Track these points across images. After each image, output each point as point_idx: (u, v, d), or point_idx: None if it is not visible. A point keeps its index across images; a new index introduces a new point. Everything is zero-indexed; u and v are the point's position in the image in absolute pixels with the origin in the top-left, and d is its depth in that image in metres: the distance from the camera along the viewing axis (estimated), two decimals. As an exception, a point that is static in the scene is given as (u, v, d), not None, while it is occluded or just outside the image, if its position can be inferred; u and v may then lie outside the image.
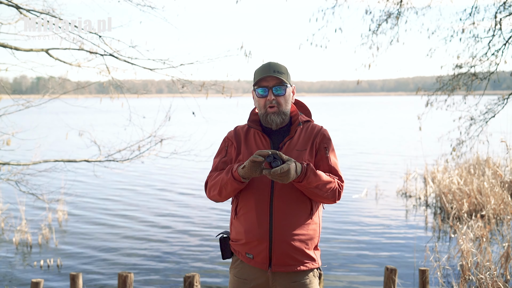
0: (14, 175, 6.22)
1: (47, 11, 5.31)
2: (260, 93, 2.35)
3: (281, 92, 2.34)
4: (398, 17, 7.68)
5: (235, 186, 2.24)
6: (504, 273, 5.42)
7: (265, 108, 2.35)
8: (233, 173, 2.22)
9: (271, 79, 2.33)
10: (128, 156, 6.32)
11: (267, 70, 2.33)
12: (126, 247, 7.32)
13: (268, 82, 2.33)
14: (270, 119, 2.34)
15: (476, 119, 7.43)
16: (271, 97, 2.32)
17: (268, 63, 2.37)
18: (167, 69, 5.72)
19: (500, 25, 7.00)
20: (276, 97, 2.33)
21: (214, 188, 2.34)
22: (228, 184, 2.25)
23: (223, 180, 2.26)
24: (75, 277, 4.52)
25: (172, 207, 9.91)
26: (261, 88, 2.34)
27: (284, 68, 2.38)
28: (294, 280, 2.31)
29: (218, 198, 2.36)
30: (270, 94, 2.33)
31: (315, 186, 2.20)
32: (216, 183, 2.31)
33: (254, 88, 2.38)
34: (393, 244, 7.36)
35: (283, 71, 2.36)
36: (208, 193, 2.41)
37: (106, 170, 7.37)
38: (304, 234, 2.30)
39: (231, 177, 2.22)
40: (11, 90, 6.29)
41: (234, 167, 2.24)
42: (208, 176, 2.42)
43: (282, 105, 2.35)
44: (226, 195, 2.32)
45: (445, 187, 9.36)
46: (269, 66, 2.35)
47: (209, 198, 2.43)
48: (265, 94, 2.34)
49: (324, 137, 2.39)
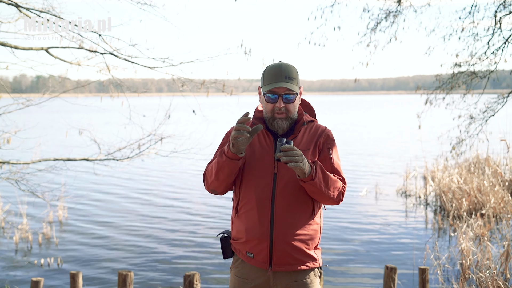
0: (14, 174, 6.22)
1: (47, 9, 5.30)
2: (270, 98, 2.29)
3: (291, 99, 2.28)
4: (396, 16, 7.67)
5: (232, 166, 2.20)
6: (504, 271, 5.42)
7: (272, 113, 2.30)
8: (227, 153, 2.19)
9: (282, 86, 2.27)
10: (128, 155, 6.32)
11: (278, 75, 2.26)
12: (126, 246, 7.32)
13: (279, 89, 2.27)
14: (277, 125, 2.30)
15: (476, 118, 7.43)
16: (281, 105, 2.27)
17: (280, 67, 2.28)
18: (167, 67, 5.71)
19: (500, 24, 7.00)
20: (285, 104, 2.28)
21: (210, 175, 2.31)
22: (225, 166, 2.21)
23: (219, 163, 2.22)
24: (75, 276, 4.52)
25: (172, 206, 9.91)
26: (271, 94, 2.28)
27: (295, 71, 2.32)
28: (295, 279, 2.31)
29: (216, 184, 2.30)
30: (280, 102, 2.27)
31: (323, 185, 2.18)
32: (212, 169, 2.28)
33: (263, 93, 2.31)
34: (393, 243, 7.36)
35: (294, 76, 2.29)
36: (206, 183, 2.38)
37: (106, 168, 7.37)
38: (305, 234, 2.29)
39: (227, 158, 2.19)
40: (11, 89, 6.28)
41: (225, 148, 2.21)
42: (206, 167, 2.39)
43: (291, 112, 2.30)
44: (224, 179, 2.26)
45: (445, 186, 9.36)
46: (280, 71, 2.26)
47: (207, 190, 2.39)
48: (274, 101, 2.28)
49: (328, 138, 2.37)
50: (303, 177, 2.14)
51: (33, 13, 5.31)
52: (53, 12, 5.31)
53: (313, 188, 2.18)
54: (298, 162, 2.06)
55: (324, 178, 2.19)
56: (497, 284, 4.29)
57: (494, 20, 7.04)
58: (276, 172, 2.28)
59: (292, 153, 2.06)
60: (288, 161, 2.06)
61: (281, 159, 2.06)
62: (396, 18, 7.67)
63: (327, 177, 2.20)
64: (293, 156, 2.06)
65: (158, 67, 5.72)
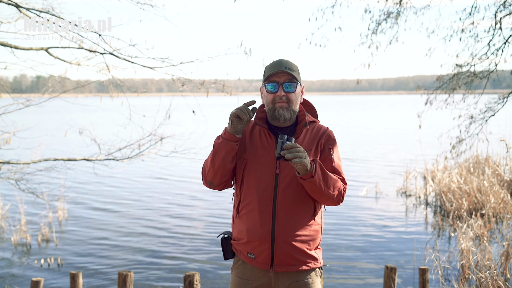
0: (14, 174, 6.22)
1: (47, 9, 5.29)
2: (269, 88, 2.30)
3: (292, 89, 2.29)
4: (397, 17, 7.67)
5: (228, 147, 2.21)
6: (504, 271, 5.42)
7: (273, 103, 2.30)
8: (224, 135, 2.20)
9: (282, 75, 2.28)
10: (128, 155, 6.32)
11: (278, 65, 2.29)
12: (126, 246, 7.32)
13: (279, 77, 2.28)
14: (278, 113, 2.29)
15: (476, 118, 7.43)
16: (281, 93, 2.27)
17: (280, 60, 2.32)
18: (167, 67, 5.71)
19: (500, 24, 7.00)
20: (286, 93, 2.28)
21: (207, 164, 2.30)
22: (222, 148, 2.21)
23: (215, 146, 2.23)
24: (75, 276, 4.52)
25: (172, 206, 9.91)
26: (271, 83, 2.29)
27: (296, 66, 2.34)
28: (296, 280, 2.31)
29: (212, 173, 2.27)
30: (281, 90, 2.28)
31: (322, 183, 2.17)
32: (209, 157, 2.28)
33: (264, 84, 2.33)
34: (393, 243, 7.36)
35: (295, 69, 2.32)
36: (203, 177, 2.35)
37: (106, 168, 7.37)
38: (306, 234, 2.29)
39: (223, 140, 2.20)
40: (11, 89, 6.28)
41: (222, 131, 2.23)
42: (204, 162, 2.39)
43: (293, 102, 2.30)
44: (220, 164, 2.23)
45: (445, 186, 9.36)
46: (280, 62, 2.30)
47: (205, 184, 2.37)
48: (275, 90, 2.29)
49: (330, 138, 2.37)
50: (303, 174, 2.13)
51: (33, 13, 5.31)
52: (53, 12, 5.31)
53: (312, 186, 2.17)
54: (302, 158, 2.06)
55: (323, 176, 2.18)
56: (497, 284, 4.29)
57: (494, 20, 7.05)
58: (278, 173, 2.27)
59: (295, 149, 2.06)
60: (292, 158, 2.06)
61: (285, 156, 2.06)
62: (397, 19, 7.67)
63: (326, 176, 2.19)
64: (296, 153, 2.06)
65: (158, 67, 5.72)
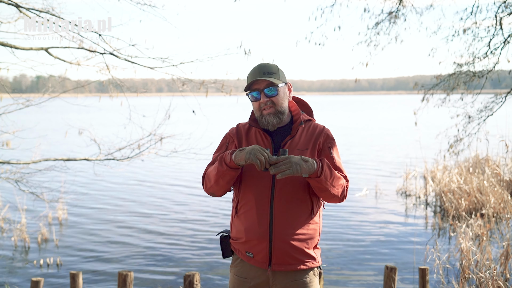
0: (14, 174, 6.22)
1: (47, 9, 5.30)
2: (253, 96, 2.35)
3: (274, 93, 2.32)
4: (397, 16, 7.66)
5: (233, 174, 2.24)
6: (504, 271, 5.42)
7: (260, 111, 2.35)
8: (228, 163, 2.21)
9: (261, 82, 2.32)
10: (128, 155, 6.32)
11: (256, 73, 2.33)
12: (126, 246, 7.32)
13: (259, 84, 2.32)
14: (265, 121, 2.33)
15: (474, 117, 7.42)
16: (264, 99, 2.31)
17: (258, 66, 2.36)
18: (167, 67, 5.72)
19: (501, 24, 7.00)
20: (269, 98, 2.32)
21: (209, 180, 2.33)
22: (226, 174, 2.24)
23: (219, 172, 2.25)
24: (75, 276, 4.52)
25: (172, 206, 9.91)
26: (253, 92, 2.34)
27: (275, 67, 2.36)
28: (294, 279, 2.31)
29: (215, 189, 2.34)
30: (263, 97, 2.31)
31: (329, 182, 2.19)
32: (212, 175, 2.30)
33: (247, 94, 2.37)
34: (393, 243, 7.36)
35: (274, 70, 2.34)
36: (205, 186, 2.40)
37: (106, 168, 7.37)
38: (304, 233, 2.30)
39: (227, 168, 2.21)
40: (11, 89, 6.28)
41: (227, 157, 2.22)
42: (205, 170, 2.41)
43: (278, 105, 2.33)
44: (224, 185, 2.29)
45: (445, 186, 9.36)
46: (258, 68, 2.34)
47: (206, 192, 2.41)
48: (258, 97, 2.33)
49: (328, 137, 2.38)
50: (308, 174, 2.15)
51: (33, 13, 5.31)
52: (53, 12, 5.31)
53: (318, 185, 2.19)
54: (285, 171, 2.10)
55: (330, 175, 2.20)
56: (497, 284, 4.29)
57: (495, 20, 7.05)
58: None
59: (279, 164, 2.10)
60: (276, 173, 2.11)
61: (270, 172, 2.12)
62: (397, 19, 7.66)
63: (333, 175, 2.21)
64: (280, 167, 2.09)
65: (158, 67, 5.73)
